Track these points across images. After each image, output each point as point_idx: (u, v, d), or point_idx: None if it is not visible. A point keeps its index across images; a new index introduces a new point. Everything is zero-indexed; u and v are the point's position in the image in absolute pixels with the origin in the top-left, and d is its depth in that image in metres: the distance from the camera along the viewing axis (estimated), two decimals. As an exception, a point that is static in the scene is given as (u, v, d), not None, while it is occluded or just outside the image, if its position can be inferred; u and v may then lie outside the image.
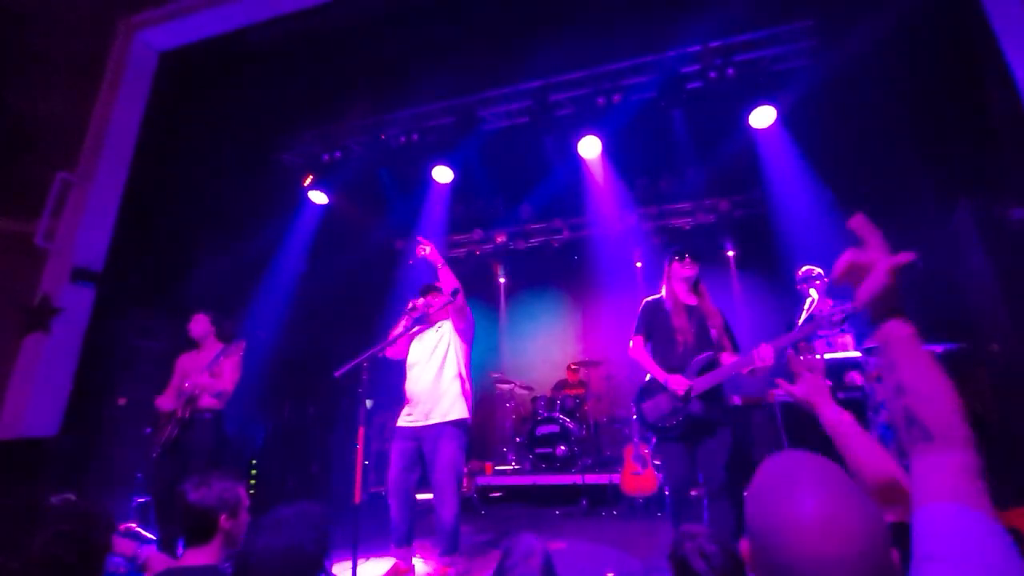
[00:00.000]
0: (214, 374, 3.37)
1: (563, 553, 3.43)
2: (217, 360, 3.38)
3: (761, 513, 0.76)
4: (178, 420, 3.31)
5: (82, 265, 4.01)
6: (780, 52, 4.52)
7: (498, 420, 6.43)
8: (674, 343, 2.84)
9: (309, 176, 5.68)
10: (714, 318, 2.87)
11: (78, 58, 4.39)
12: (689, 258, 2.89)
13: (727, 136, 5.38)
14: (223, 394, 3.39)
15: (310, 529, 1.46)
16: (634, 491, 4.47)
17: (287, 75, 4.88)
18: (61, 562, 0.78)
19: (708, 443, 2.70)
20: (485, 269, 7.87)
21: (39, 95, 4.28)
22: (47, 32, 4.18)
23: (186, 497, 1.72)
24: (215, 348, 3.49)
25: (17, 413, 3.68)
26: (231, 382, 3.44)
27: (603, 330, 7.23)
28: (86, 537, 0.83)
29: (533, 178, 6.43)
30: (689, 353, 2.80)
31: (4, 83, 4.16)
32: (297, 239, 5.97)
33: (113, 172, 4.35)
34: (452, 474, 3.05)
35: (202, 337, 3.60)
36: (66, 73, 4.38)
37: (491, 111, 5.28)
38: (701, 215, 6.70)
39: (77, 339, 3.98)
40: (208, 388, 3.32)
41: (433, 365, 3.25)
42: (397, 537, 3.08)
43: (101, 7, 4.35)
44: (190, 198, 4.76)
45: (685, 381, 2.72)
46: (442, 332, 3.36)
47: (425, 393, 3.18)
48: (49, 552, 0.76)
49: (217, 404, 3.40)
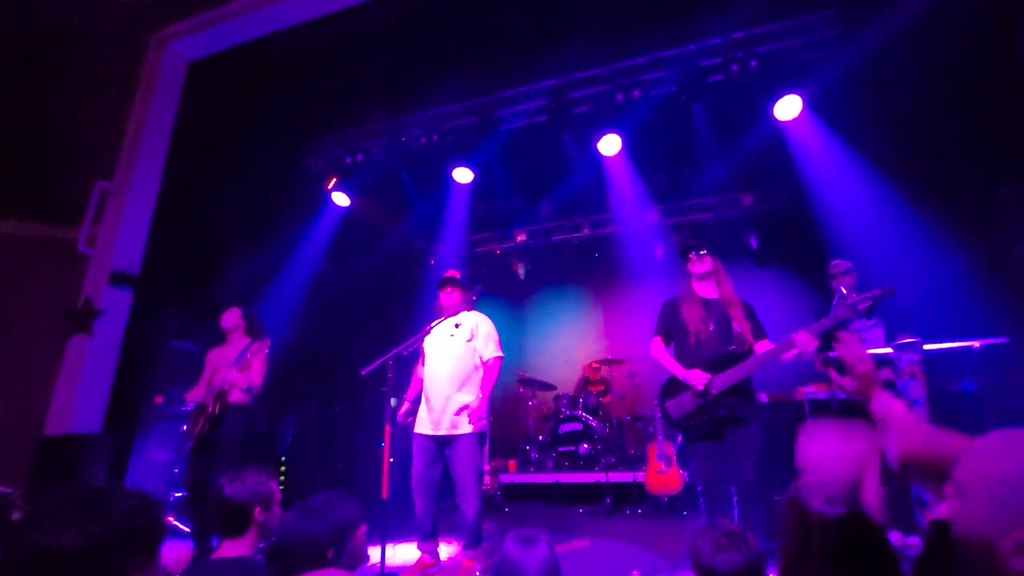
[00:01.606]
0: (242, 368, 3.41)
1: (587, 551, 3.43)
2: (244, 355, 3.42)
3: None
4: (208, 415, 3.35)
5: (120, 269, 4.19)
6: (804, 42, 4.41)
7: (521, 418, 6.45)
8: (689, 336, 2.79)
9: (333, 179, 5.80)
10: (735, 308, 2.79)
11: (113, 71, 4.58)
12: (695, 254, 2.86)
13: (750, 129, 5.28)
14: (252, 388, 3.42)
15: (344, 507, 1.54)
16: (659, 489, 4.44)
17: (309, 81, 5.00)
18: (140, 530, 0.89)
19: (736, 441, 2.62)
20: (506, 267, 7.90)
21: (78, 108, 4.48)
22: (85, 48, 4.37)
23: (222, 491, 1.79)
24: (242, 342, 3.54)
25: (63, 411, 3.87)
26: (259, 376, 3.48)
27: (625, 328, 7.18)
28: (152, 511, 0.94)
29: (553, 176, 6.42)
30: (706, 347, 2.74)
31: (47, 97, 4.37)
32: (322, 240, 6.10)
33: (147, 179, 4.53)
34: (472, 472, 3.08)
35: (231, 330, 3.64)
36: (103, 86, 4.57)
37: (510, 111, 5.29)
38: (723, 210, 6.59)
39: (117, 340, 4.15)
40: (237, 383, 3.34)
41: (451, 368, 3.22)
42: (422, 532, 3.13)
43: (134, 22, 4.52)
44: (220, 203, 4.92)
45: (704, 375, 2.65)
46: (462, 335, 3.30)
47: (442, 402, 3.17)
48: (128, 522, 0.87)
49: (246, 399, 3.43)
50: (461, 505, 3.09)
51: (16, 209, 4.36)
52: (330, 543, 1.47)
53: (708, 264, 2.85)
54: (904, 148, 4.54)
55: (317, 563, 1.45)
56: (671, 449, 4.50)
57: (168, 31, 4.66)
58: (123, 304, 4.24)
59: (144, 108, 4.59)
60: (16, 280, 4.23)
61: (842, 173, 4.99)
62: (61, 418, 3.84)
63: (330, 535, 1.48)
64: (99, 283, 4.13)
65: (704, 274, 2.86)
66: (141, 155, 4.48)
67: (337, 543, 1.48)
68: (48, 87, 4.37)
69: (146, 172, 4.51)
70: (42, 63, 4.30)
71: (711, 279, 2.88)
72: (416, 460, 3.19)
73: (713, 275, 2.88)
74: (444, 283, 3.41)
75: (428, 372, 3.32)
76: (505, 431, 6.85)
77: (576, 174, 6.13)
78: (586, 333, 7.49)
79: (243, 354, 3.43)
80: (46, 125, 4.40)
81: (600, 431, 5.44)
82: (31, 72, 4.28)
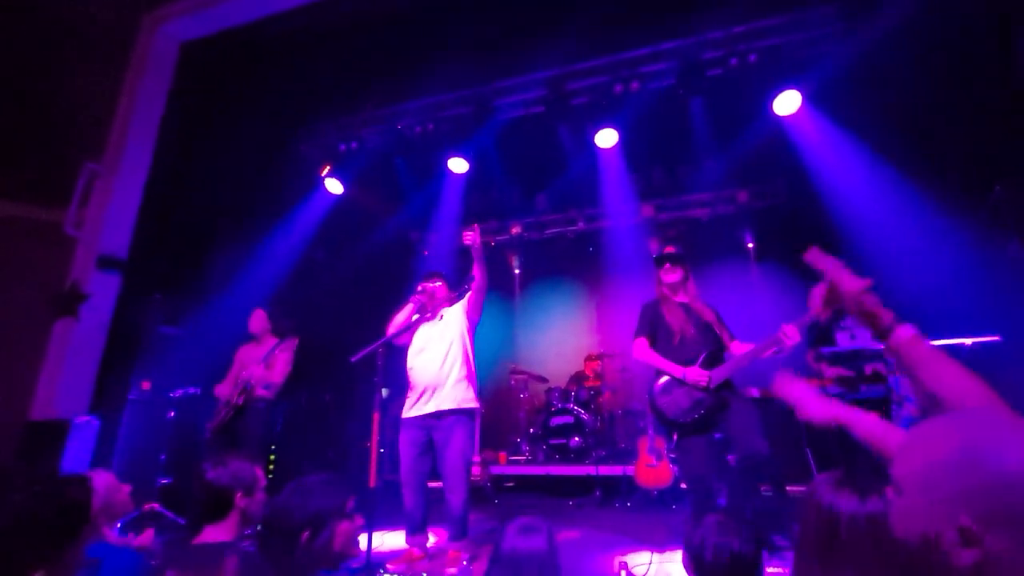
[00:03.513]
0: (268, 366, 3.58)
1: (576, 542, 3.44)
2: (272, 353, 3.59)
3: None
4: (232, 406, 3.50)
5: (108, 253, 4.13)
6: (805, 37, 4.38)
7: (512, 411, 6.44)
8: (674, 337, 2.95)
9: (327, 166, 5.73)
10: (706, 314, 3.00)
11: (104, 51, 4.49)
12: (669, 265, 3.07)
13: (747, 124, 5.25)
14: (272, 385, 3.58)
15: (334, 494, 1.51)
16: (648, 483, 4.45)
17: (304, 66, 4.91)
18: (38, 519, 0.79)
19: (735, 422, 2.73)
20: (500, 260, 7.87)
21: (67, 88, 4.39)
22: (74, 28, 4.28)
23: (204, 475, 1.77)
24: (271, 342, 3.71)
25: (48, 395, 3.82)
26: (281, 374, 3.65)
27: (618, 322, 7.16)
28: (63, 495, 0.84)
29: (549, 169, 6.38)
30: (692, 346, 2.89)
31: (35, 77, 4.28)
32: (314, 228, 6.04)
33: (136, 162, 4.45)
34: (462, 461, 3.07)
35: (260, 332, 3.83)
36: (92, 66, 4.48)
37: (506, 100, 5.24)
38: (720, 206, 6.58)
39: (104, 324, 4.09)
40: (260, 379, 3.51)
41: (441, 352, 3.24)
42: (411, 525, 3.11)
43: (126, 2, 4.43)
44: (211, 187, 4.85)
45: (704, 372, 2.78)
46: (450, 319, 3.35)
47: (433, 380, 3.18)
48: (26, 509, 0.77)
49: (268, 394, 3.60)
50: (447, 495, 3.06)
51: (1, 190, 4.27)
52: (305, 526, 1.43)
53: (679, 275, 3.08)
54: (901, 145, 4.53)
55: (290, 543, 1.41)
56: (662, 443, 4.51)
57: (161, 11, 4.56)
58: (110, 288, 4.17)
59: (134, 89, 4.50)
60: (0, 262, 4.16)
61: (839, 170, 4.99)
62: (46, 403, 3.79)
63: (307, 517, 1.44)
64: (86, 267, 4.06)
65: (675, 284, 3.08)
66: (131, 137, 4.40)
67: (313, 528, 1.44)
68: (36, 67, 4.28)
69: (135, 154, 4.43)
70: (30, 42, 4.21)
71: (677, 288, 3.10)
72: (405, 452, 3.16)
73: (683, 284, 3.09)
74: (429, 277, 3.47)
75: (417, 360, 3.30)
76: (496, 423, 6.85)
77: (572, 167, 6.09)
78: (579, 327, 7.49)
79: (271, 352, 3.60)
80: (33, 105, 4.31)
81: (591, 424, 5.45)
82: (18, 51, 4.19)
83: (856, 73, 4.31)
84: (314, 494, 1.49)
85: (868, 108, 4.59)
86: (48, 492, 0.80)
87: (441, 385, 3.17)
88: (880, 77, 4.28)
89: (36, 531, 0.77)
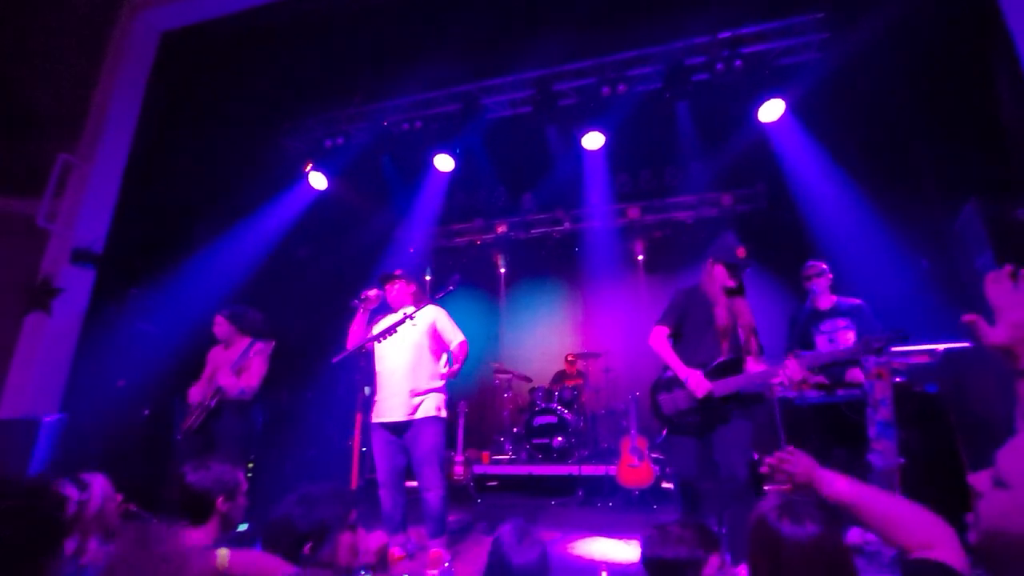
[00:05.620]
0: (241, 370, 3.38)
1: (556, 541, 3.46)
2: (246, 355, 3.39)
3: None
4: (204, 407, 3.34)
5: (83, 247, 4.01)
6: (789, 45, 4.46)
7: (496, 410, 6.45)
8: (708, 336, 2.73)
9: (310, 162, 5.65)
10: (744, 317, 2.77)
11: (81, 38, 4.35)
12: (741, 271, 2.79)
13: (732, 129, 5.33)
14: (248, 389, 3.39)
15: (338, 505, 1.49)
16: (630, 483, 4.49)
17: (290, 59, 4.83)
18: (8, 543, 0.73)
19: (725, 435, 2.60)
20: (486, 259, 7.85)
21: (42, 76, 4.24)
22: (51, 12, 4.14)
23: (184, 478, 1.74)
24: (242, 344, 3.50)
25: (18, 393, 3.70)
26: (257, 376, 3.44)
27: (603, 322, 7.22)
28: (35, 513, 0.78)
29: (535, 168, 6.39)
30: (720, 350, 2.71)
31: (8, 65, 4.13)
32: (297, 223, 5.94)
33: (114, 153, 4.33)
34: (436, 459, 3.06)
35: (226, 337, 3.59)
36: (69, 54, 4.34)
37: (494, 99, 5.23)
38: (704, 209, 6.67)
39: (77, 320, 3.98)
40: (233, 386, 3.31)
41: (409, 359, 3.18)
42: (391, 526, 3.10)
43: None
44: (191, 181, 4.73)
45: (706, 384, 2.62)
46: (419, 327, 3.24)
47: (402, 388, 3.12)
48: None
49: (245, 397, 3.42)
50: (424, 493, 3.05)
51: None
52: (308, 536, 1.41)
53: (738, 283, 2.82)
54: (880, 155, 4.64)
55: (293, 554, 1.40)
56: (643, 443, 4.56)
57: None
58: (85, 283, 4.06)
59: (112, 78, 4.38)
60: (-32, 254, 4.01)
61: (820, 177, 5.09)
62: (16, 401, 3.67)
63: (310, 528, 1.42)
64: (59, 260, 3.94)
65: (732, 288, 2.81)
66: (108, 127, 4.28)
67: (316, 539, 1.42)
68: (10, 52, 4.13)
69: (113, 145, 4.31)
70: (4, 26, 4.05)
71: (736, 293, 2.84)
72: (379, 454, 3.15)
73: (738, 292, 2.83)
74: (386, 279, 3.36)
75: (385, 365, 3.25)
76: (480, 422, 6.84)
77: (559, 168, 6.11)
78: (563, 326, 7.52)
79: (244, 355, 3.40)
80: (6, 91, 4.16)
81: (574, 424, 5.47)
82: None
83: (837, 84, 4.40)
84: (318, 504, 1.46)
85: (847, 118, 4.70)
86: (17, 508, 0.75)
87: (411, 394, 3.11)
88: (860, 89, 4.38)
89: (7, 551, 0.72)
